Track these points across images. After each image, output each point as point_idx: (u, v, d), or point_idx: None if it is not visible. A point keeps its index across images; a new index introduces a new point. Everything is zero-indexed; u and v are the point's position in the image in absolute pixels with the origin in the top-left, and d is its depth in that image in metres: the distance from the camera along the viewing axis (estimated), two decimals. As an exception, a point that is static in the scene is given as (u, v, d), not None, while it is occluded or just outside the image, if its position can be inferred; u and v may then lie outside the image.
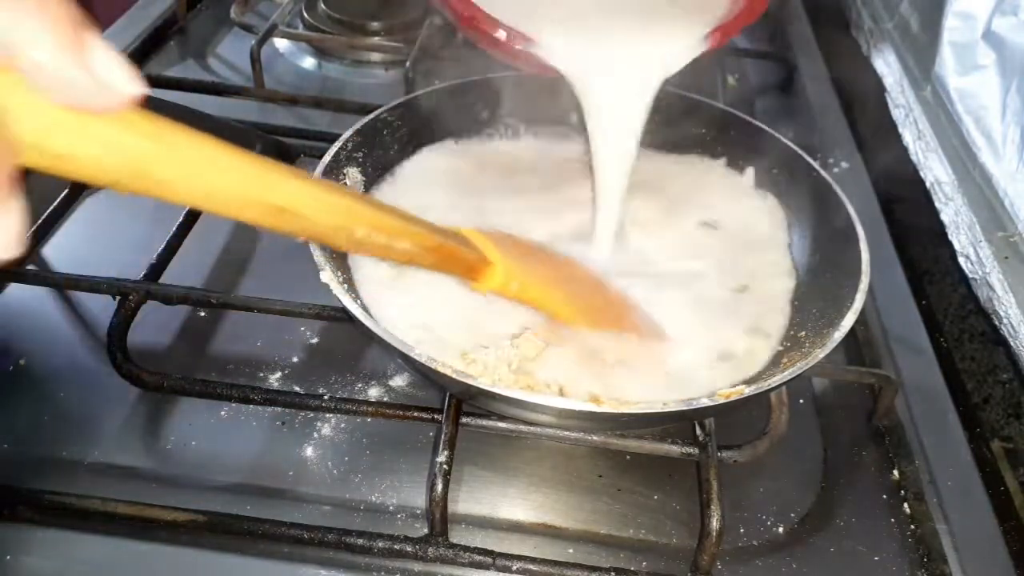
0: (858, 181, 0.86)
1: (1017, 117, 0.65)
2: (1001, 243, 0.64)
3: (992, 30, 0.69)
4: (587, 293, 0.58)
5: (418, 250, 0.42)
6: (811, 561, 0.53)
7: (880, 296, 0.73)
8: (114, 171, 0.28)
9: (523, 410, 0.50)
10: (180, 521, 0.50)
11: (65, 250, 0.71)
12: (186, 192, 0.30)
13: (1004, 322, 0.63)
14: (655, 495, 0.56)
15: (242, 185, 0.32)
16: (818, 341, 0.53)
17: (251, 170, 0.32)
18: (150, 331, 0.62)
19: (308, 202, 0.35)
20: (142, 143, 0.28)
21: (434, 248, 0.44)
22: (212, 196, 0.31)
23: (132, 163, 0.28)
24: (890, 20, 0.90)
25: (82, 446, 0.56)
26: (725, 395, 0.47)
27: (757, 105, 1.00)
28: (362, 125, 0.67)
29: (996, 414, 0.70)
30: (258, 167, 0.33)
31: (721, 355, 0.58)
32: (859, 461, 0.60)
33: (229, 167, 0.31)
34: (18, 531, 0.50)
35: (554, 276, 0.56)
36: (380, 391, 0.61)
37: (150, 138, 0.28)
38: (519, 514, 0.55)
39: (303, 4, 1.07)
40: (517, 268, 0.50)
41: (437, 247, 0.44)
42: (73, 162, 0.27)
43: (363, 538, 0.50)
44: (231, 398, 0.57)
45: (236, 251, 0.73)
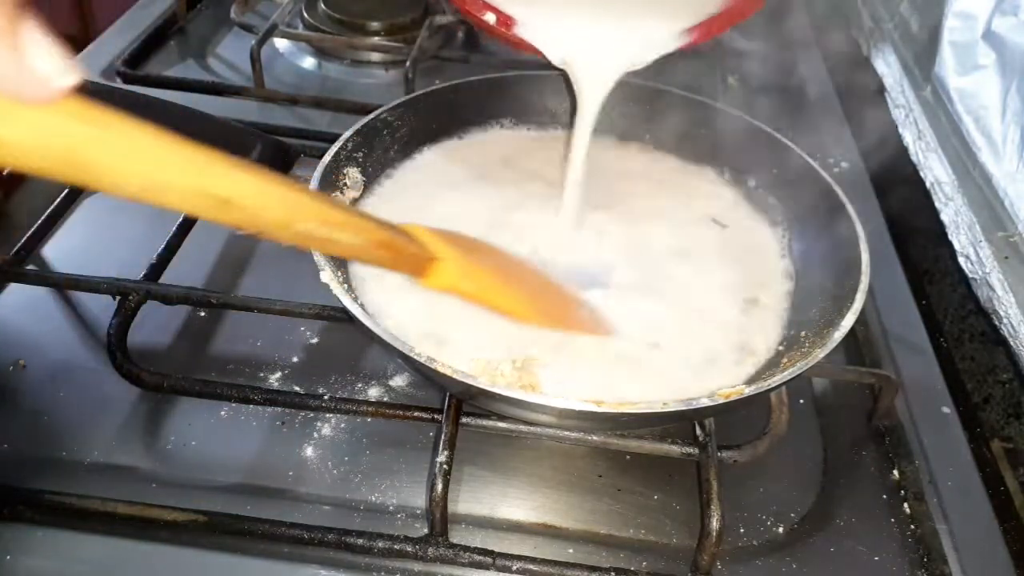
0: (858, 181, 0.86)
1: (1017, 117, 0.65)
2: (1001, 243, 0.64)
3: (992, 30, 0.69)
4: (537, 292, 0.58)
5: (364, 245, 0.42)
6: (811, 561, 0.53)
7: (880, 296, 0.73)
8: (45, 158, 0.27)
9: (523, 410, 0.50)
10: (180, 521, 0.50)
11: (65, 250, 0.71)
12: (123, 181, 0.30)
13: (1004, 322, 0.63)
14: (655, 495, 0.56)
15: (183, 175, 0.32)
16: (818, 341, 0.53)
17: (192, 160, 0.32)
18: (150, 331, 0.62)
19: (251, 194, 0.35)
20: (75, 130, 0.27)
21: (381, 243, 0.43)
22: (156, 187, 0.31)
23: (65, 150, 0.27)
24: (890, 20, 0.90)
25: (82, 446, 0.56)
26: (725, 395, 0.47)
27: (757, 105, 1.00)
28: (362, 125, 0.67)
29: (996, 414, 0.70)
30: (199, 158, 0.32)
31: (707, 358, 0.58)
32: (859, 461, 0.60)
33: (169, 157, 0.31)
34: (18, 531, 0.50)
35: (504, 275, 0.56)
36: (380, 391, 0.61)
37: (85, 124, 0.28)
38: (519, 514, 0.55)
39: (303, 4, 1.07)
40: (467, 266, 0.50)
41: (384, 242, 0.44)
42: (8, 150, 0.26)
43: (363, 538, 0.50)
44: (231, 398, 0.57)
45: (236, 251, 0.73)
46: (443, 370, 0.46)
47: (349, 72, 1.02)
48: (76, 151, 0.27)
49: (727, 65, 1.00)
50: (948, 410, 0.64)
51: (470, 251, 0.53)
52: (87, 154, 0.28)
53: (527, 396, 0.46)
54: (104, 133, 0.28)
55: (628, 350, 0.57)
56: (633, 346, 0.57)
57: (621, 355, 0.57)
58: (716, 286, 0.63)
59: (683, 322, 0.60)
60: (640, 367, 0.56)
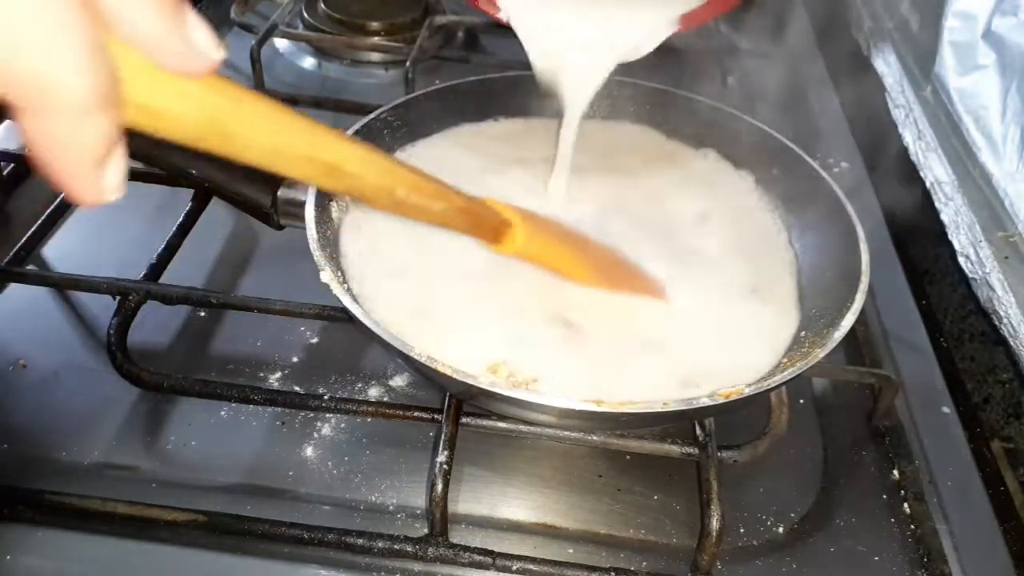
0: (858, 181, 0.86)
1: (1017, 117, 0.65)
2: (1001, 243, 0.64)
3: (992, 30, 0.69)
4: (594, 257, 0.63)
5: (450, 212, 0.46)
6: (811, 561, 0.53)
7: (880, 296, 0.73)
8: (198, 128, 0.31)
9: (523, 410, 0.50)
10: (180, 521, 0.50)
11: (65, 250, 0.71)
12: (256, 148, 0.33)
13: (1004, 322, 0.62)
14: (655, 495, 0.56)
15: (302, 144, 0.36)
16: (818, 341, 0.53)
17: (311, 131, 0.36)
18: (150, 331, 0.62)
19: (357, 163, 0.39)
20: (217, 101, 0.31)
21: (463, 211, 0.48)
22: (277, 153, 0.34)
23: (213, 122, 0.31)
24: (890, 20, 0.90)
25: (82, 446, 0.56)
26: (725, 394, 0.47)
27: (757, 105, 1.00)
28: (361, 126, 0.67)
29: (996, 414, 0.70)
30: (317, 130, 0.36)
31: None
32: (859, 461, 0.60)
33: (287, 127, 0.35)
34: (18, 531, 0.50)
35: (564, 241, 0.60)
36: (380, 391, 0.61)
37: (230, 99, 0.31)
38: (519, 514, 0.55)
39: (303, 4, 1.07)
40: (535, 232, 0.55)
41: (466, 210, 0.48)
42: (165, 119, 0.29)
43: (363, 538, 0.50)
44: (231, 398, 0.57)
45: (236, 251, 0.73)
46: (443, 370, 0.46)
47: (349, 72, 1.02)
48: (216, 121, 0.31)
49: (727, 65, 1.00)
50: (948, 410, 0.64)
51: (539, 222, 0.57)
52: (224, 124, 0.31)
53: (528, 396, 0.46)
54: (238, 105, 0.32)
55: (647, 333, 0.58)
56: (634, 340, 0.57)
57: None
58: (718, 282, 0.63)
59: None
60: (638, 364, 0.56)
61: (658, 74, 0.78)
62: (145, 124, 0.29)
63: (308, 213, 0.56)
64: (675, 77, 0.79)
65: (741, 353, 0.57)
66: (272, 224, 0.60)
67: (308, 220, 0.55)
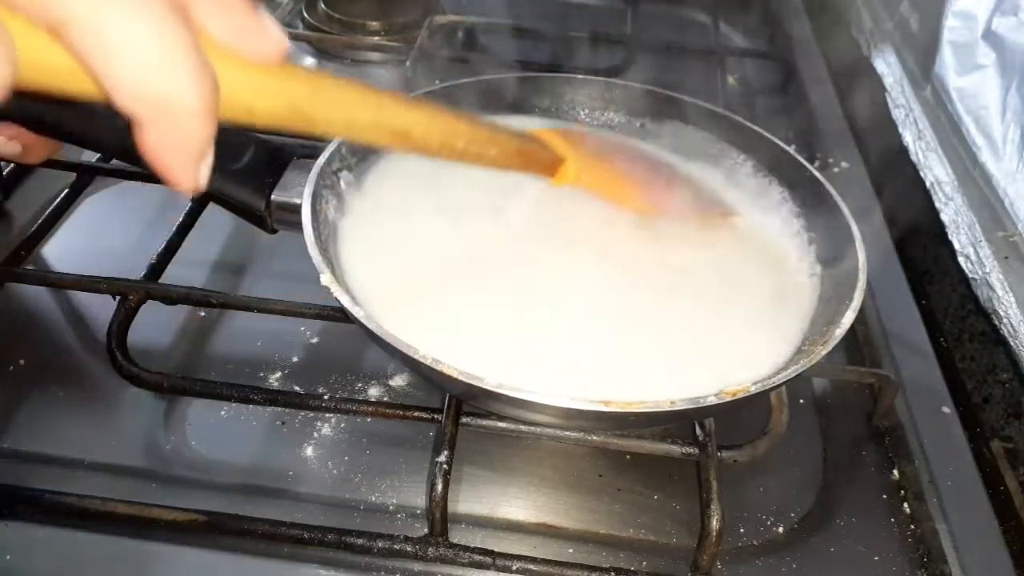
0: (858, 181, 0.86)
1: (1017, 117, 0.65)
2: (1001, 243, 0.64)
3: (992, 30, 0.69)
4: (650, 179, 0.65)
5: (505, 155, 0.50)
6: (811, 561, 0.53)
7: (880, 296, 0.73)
8: (283, 116, 0.33)
9: (528, 411, 0.50)
10: (180, 521, 0.50)
11: (65, 250, 0.71)
12: (334, 125, 0.37)
13: (1004, 322, 0.63)
14: (655, 495, 0.56)
15: (372, 115, 0.39)
16: (818, 340, 0.53)
17: (379, 103, 0.39)
18: (150, 331, 0.62)
19: (423, 126, 0.42)
20: (302, 89, 0.34)
21: (518, 152, 0.51)
22: (351, 126, 0.38)
23: (294, 108, 0.33)
24: (890, 20, 0.90)
25: (82, 446, 0.56)
26: (732, 392, 0.47)
27: (757, 105, 1.00)
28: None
29: (996, 414, 0.70)
30: (385, 100, 0.39)
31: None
32: (859, 461, 0.60)
33: (361, 103, 0.38)
34: (18, 531, 0.50)
35: (618, 166, 0.63)
36: (380, 391, 0.61)
37: (307, 85, 0.34)
38: (519, 514, 0.55)
39: (303, 4, 1.07)
40: (587, 162, 0.58)
41: (520, 151, 0.51)
42: (255, 112, 0.32)
43: (363, 538, 0.50)
44: (231, 398, 0.56)
45: (236, 251, 0.73)
46: (449, 372, 0.46)
47: (349, 72, 1.02)
48: (296, 107, 0.33)
49: (727, 65, 1.00)
50: (948, 410, 0.64)
51: (589, 148, 0.60)
52: (304, 108, 0.34)
53: (534, 397, 0.45)
54: (314, 89, 0.34)
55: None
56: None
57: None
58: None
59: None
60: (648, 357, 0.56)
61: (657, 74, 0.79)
62: (237, 117, 0.32)
63: (305, 217, 0.55)
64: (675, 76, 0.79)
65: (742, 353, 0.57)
66: (266, 228, 0.59)
67: (305, 224, 0.55)
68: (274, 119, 0.33)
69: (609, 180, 0.61)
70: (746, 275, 0.64)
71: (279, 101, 0.33)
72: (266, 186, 0.58)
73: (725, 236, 0.68)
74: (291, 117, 0.34)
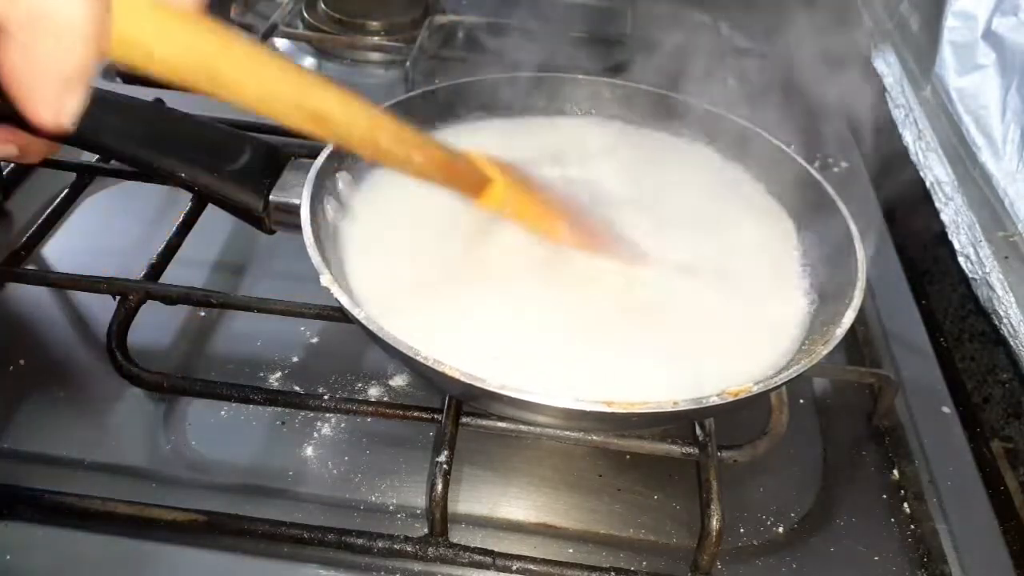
0: (858, 181, 0.86)
1: (1017, 117, 0.65)
2: (1001, 243, 0.64)
3: (992, 30, 0.69)
4: (573, 215, 0.64)
5: (431, 165, 0.48)
6: (811, 561, 0.53)
7: (880, 296, 0.73)
8: (187, 68, 0.32)
9: (529, 412, 0.49)
10: (180, 521, 0.50)
11: (65, 250, 0.71)
12: (246, 93, 0.35)
13: (1004, 322, 0.63)
14: (655, 495, 0.56)
15: (291, 91, 0.37)
16: (819, 339, 0.53)
17: (299, 79, 0.37)
18: (150, 331, 0.62)
19: (343, 111, 0.40)
20: (213, 46, 0.32)
21: (445, 165, 0.49)
22: (265, 99, 0.36)
23: (202, 63, 0.32)
24: (890, 20, 0.90)
25: (82, 446, 0.56)
26: (734, 392, 0.47)
27: (757, 105, 1.00)
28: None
29: (996, 414, 0.70)
30: (305, 78, 0.38)
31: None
32: (859, 461, 0.60)
33: (282, 75, 0.36)
34: (18, 531, 0.50)
35: (545, 199, 0.61)
36: (380, 391, 0.61)
37: (220, 42, 0.32)
38: (519, 514, 0.55)
39: (303, 4, 1.07)
40: (514, 190, 0.56)
41: (447, 164, 0.49)
42: (155, 57, 0.30)
43: (363, 538, 0.50)
44: (231, 398, 0.56)
45: (236, 251, 0.73)
46: (451, 373, 0.46)
47: (349, 72, 1.02)
48: (205, 62, 0.32)
49: (727, 64, 1.00)
50: (948, 410, 0.64)
51: (517, 177, 0.58)
52: (213, 66, 0.32)
53: (537, 398, 0.45)
54: (227, 48, 0.33)
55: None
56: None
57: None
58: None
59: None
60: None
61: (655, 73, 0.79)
62: (133, 58, 0.29)
63: (304, 217, 0.55)
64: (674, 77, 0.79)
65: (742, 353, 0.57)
66: (264, 229, 0.59)
67: (304, 224, 0.55)
68: (176, 71, 0.31)
69: (532, 210, 0.59)
70: (745, 275, 0.64)
71: (185, 52, 0.31)
72: (264, 187, 0.58)
73: (724, 235, 0.68)
74: (196, 73, 0.32)
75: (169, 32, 0.30)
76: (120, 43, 0.28)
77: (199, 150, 0.58)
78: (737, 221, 0.70)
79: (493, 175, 0.54)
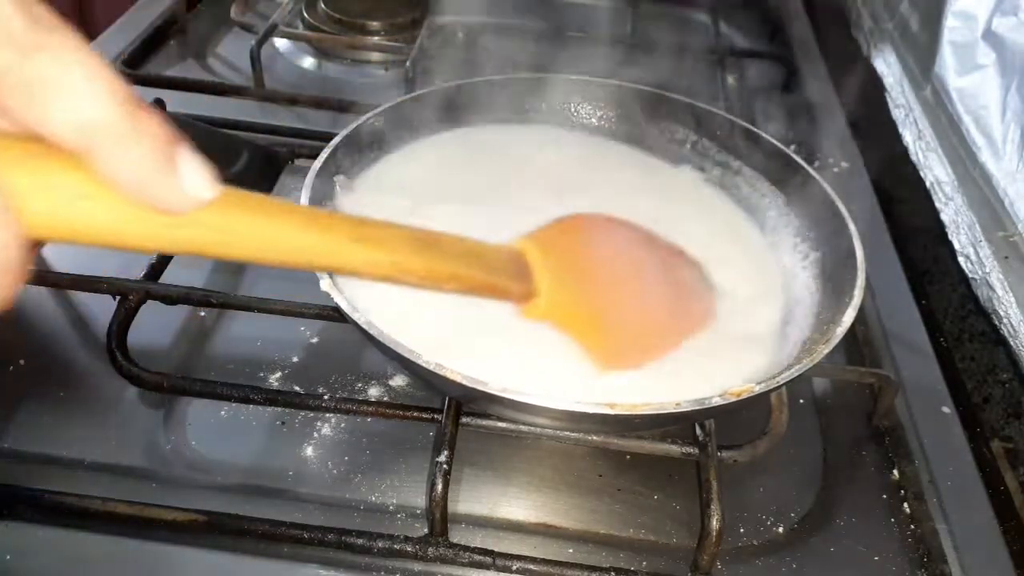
0: (858, 181, 0.86)
1: (1017, 117, 0.65)
2: (1001, 243, 0.64)
3: (992, 30, 0.69)
4: (639, 319, 0.55)
5: (464, 288, 0.43)
6: (811, 561, 0.53)
7: (880, 296, 0.73)
8: (177, 249, 0.30)
9: (531, 414, 0.49)
10: (180, 521, 0.50)
11: (65, 250, 0.71)
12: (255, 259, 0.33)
13: (1004, 322, 0.63)
14: (655, 495, 0.56)
15: (303, 257, 0.34)
16: (820, 339, 0.53)
17: (307, 245, 0.34)
18: (150, 331, 0.62)
19: (359, 266, 0.37)
20: (200, 234, 0.29)
21: (480, 287, 0.44)
22: (282, 263, 0.34)
23: (192, 247, 0.30)
24: (890, 20, 0.90)
25: (82, 446, 0.56)
26: (736, 393, 0.47)
27: (757, 105, 1.00)
28: (347, 134, 0.65)
29: (996, 414, 0.70)
30: (313, 241, 0.34)
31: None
32: (859, 461, 0.60)
33: (289, 246, 0.33)
34: (18, 531, 0.50)
35: (607, 301, 0.53)
36: (380, 391, 0.61)
37: (212, 231, 0.30)
38: (519, 514, 0.55)
39: (303, 4, 1.07)
40: (565, 297, 0.49)
41: (483, 286, 0.44)
42: (142, 248, 0.28)
43: (363, 538, 0.50)
44: (231, 398, 0.56)
45: (236, 251, 0.72)
46: (453, 377, 0.46)
47: (349, 72, 1.02)
48: (205, 249, 0.30)
49: (727, 64, 1.00)
50: (948, 410, 0.64)
51: (584, 269, 0.51)
52: (218, 251, 0.31)
53: (539, 401, 0.45)
54: (232, 235, 0.30)
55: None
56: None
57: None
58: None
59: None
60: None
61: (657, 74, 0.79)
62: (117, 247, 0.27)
63: None
64: (674, 77, 0.79)
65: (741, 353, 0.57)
66: None
67: None
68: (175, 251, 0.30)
69: (584, 326, 0.51)
70: (744, 275, 0.64)
71: (182, 240, 0.29)
72: (262, 191, 0.58)
73: (724, 235, 0.68)
74: (195, 249, 0.30)
75: (156, 237, 0.28)
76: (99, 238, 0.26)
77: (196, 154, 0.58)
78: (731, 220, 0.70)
79: (540, 284, 0.47)
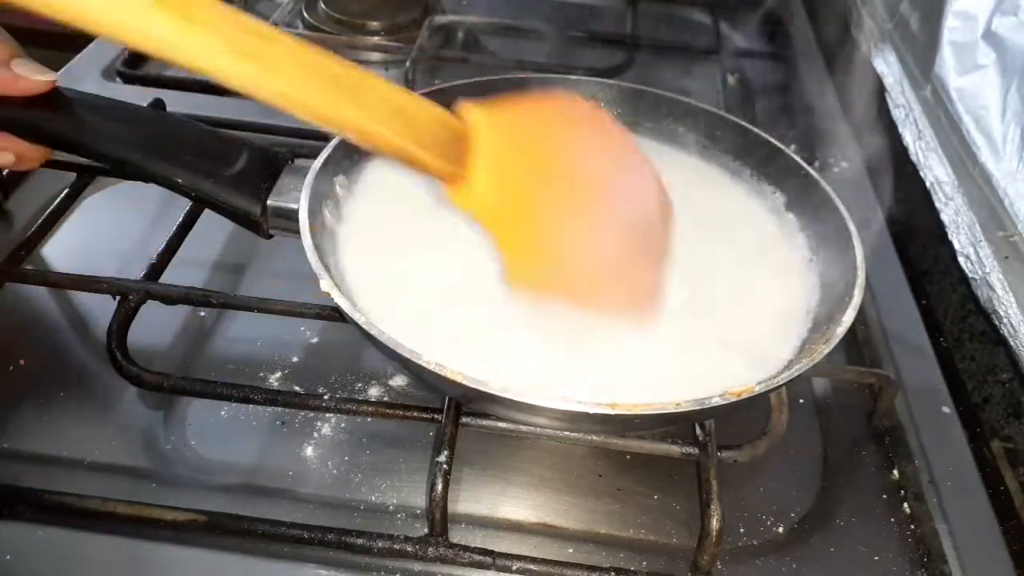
0: (858, 181, 0.86)
1: (1017, 117, 0.65)
2: (1001, 243, 0.64)
3: (992, 30, 0.69)
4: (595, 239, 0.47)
5: (371, 145, 0.41)
6: (811, 561, 0.53)
7: (880, 296, 0.73)
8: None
9: (531, 414, 0.49)
10: (180, 521, 0.50)
11: (65, 250, 0.71)
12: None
13: (1004, 322, 0.62)
14: (655, 495, 0.56)
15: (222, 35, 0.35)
16: (820, 339, 0.53)
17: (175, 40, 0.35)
18: (150, 331, 0.62)
19: (241, 84, 0.37)
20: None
21: (394, 151, 0.41)
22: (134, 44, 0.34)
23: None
24: (890, 20, 0.90)
25: (82, 446, 0.56)
26: (737, 393, 0.47)
27: (757, 105, 1.00)
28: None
29: (996, 414, 0.70)
30: (188, 40, 0.35)
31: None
32: (859, 461, 0.60)
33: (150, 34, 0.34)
34: (18, 531, 0.50)
35: (547, 214, 0.45)
36: (380, 391, 0.61)
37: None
38: (519, 514, 0.55)
39: (303, 4, 1.07)
40: (499, 195, 0.43)
41: (397, 151, 0.41)
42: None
43: (363, 538, 0.50)
44: (231, 398, 0.56)
45: (236, 251, 0.73)
46: (453, 376, 0.46)
47: (349, 72, 1.02)
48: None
49: (727, 64, 1.00)
50: (948, 410, 0.64)
51: (533, 160, 0.43)
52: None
53: (540, 401, 0.45)
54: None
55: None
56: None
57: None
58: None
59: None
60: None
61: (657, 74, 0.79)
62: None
63: (303, 222, 0.55)
64: (674, 77, 0.79)
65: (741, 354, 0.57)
66: (261, 233, 0.59)
67: (303, 229, 0.54)
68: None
69: (515, 230, 0.43)
70: (743, 275, 0.64)
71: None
72: (261, 191, 0.58)
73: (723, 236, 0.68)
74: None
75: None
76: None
77: (195, 155, 0.58)
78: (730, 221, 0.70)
79: (474, 170, 0.41)
